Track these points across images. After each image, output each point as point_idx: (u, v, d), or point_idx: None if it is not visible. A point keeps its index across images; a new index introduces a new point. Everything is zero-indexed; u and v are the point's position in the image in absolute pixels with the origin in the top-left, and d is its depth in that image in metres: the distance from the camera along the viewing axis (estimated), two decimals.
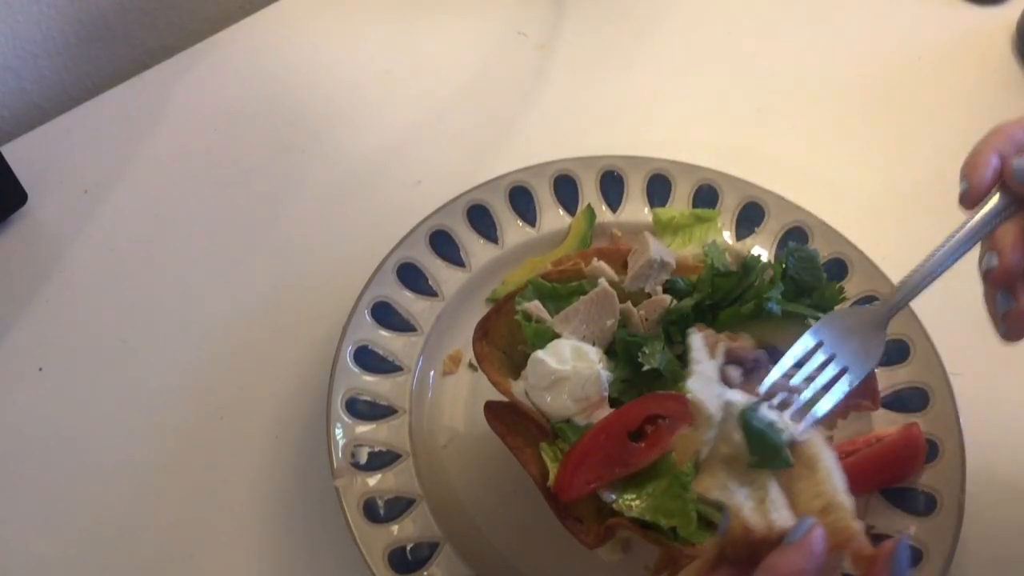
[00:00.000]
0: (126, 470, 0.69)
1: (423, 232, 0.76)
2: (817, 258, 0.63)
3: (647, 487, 0.55)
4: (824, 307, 0.62)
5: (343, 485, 0.63)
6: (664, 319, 0.62)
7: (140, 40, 1.00)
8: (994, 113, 0.94)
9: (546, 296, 0.63)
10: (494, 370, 0.61)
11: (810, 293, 0.62)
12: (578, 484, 0.54)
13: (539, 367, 0.58)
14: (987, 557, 0.65)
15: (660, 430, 0.55)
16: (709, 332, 0.58)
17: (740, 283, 0.62)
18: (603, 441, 0.55)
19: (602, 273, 0.64)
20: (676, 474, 0.54)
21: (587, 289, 0.63)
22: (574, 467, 0.55)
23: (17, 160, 0.80)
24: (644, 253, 0.64)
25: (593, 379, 0.58)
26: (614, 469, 0.55)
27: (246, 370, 0.74)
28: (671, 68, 0.98)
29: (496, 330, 0.63)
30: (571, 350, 0.59)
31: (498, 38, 1.00)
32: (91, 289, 0.78)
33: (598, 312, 0.61)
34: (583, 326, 0.61)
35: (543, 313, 0.62)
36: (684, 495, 0.53)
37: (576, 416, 0.58)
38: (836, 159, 0.90)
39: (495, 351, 0.62)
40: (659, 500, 0.54)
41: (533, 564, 0.64)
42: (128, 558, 0.65)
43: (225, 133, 0.90)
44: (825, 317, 0.57)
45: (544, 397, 0.58)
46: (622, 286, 0.64)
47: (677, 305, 0.62)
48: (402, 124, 0.91)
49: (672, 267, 0.65)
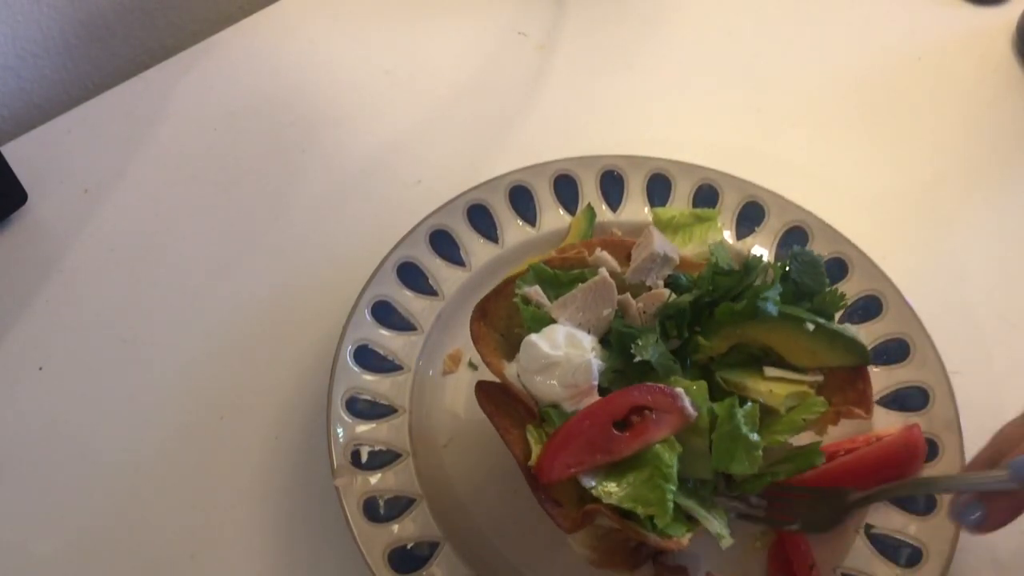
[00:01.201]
0: (126, 470, 0.69)
1: (423, 231, 0.76)
2: (820, 263, 0.63)
3: (628, 476, 0.55)
4: (824, 312, 0.62)
5: (343, 485, 0.63)
6: (662, 313, 0.62)
7: (140, 40, 1.00)
8: (994, 113, 0.94)
9: (547, 282, 0.63)
10: (489, 350, 0.61)
11: (811, 297, 0.62)
12: (559, 467, 0.55)
13: (532, 350, 0.58)
14: (987, 557, 0.65)
15: (646, 421, 0.56)
16: None
17: (741, 282, 0.62)
18: (587, 427, 0.55)
19: (605, 263, 0.64)
20: (658, 466, 0.55)
21: (588, 277, 0.63)
22: (556, 450, 0.55)
23: (17, 160, 0.80)
24: (648, 246, 0.64)
25: (584, 367, 0.58)
26: (596, 456, 0.55)
27: (246, 370, 0.74)
28: (671, 68, 0.98)
29: (495, 312, 0.63)
30: (565, 336, 0.59)
31: (498, 38, 1.00)
32: (91, 289, 0.78)
33: (596, 301, 0.61)
34: (580, 313, 0.61)
35: (542, 298, 0.62)
36: (664, 487, 0.54)
37: (565, 402, 0.58)
38: (836, 159, 0.90)
39: (493, 332, 0.63)
40: (639, 489, 0.55)
41: (533, 564, 0.64)
42: (128, 558, 0.65)
43: (225, 133, 0.90)
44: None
45: (534, 380, 0.58)
46: (623, 278, 0.64)
47: (675, 300, 0.62)
48: (402, 124, 0.91)
49: (675, 262, 0.65)
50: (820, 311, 0.61)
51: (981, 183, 0.89)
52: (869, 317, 0.73)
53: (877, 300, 0.73)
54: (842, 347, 0.61)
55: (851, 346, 0.61)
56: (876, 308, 0.73)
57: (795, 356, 0.62)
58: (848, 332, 0.61)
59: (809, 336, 0.60)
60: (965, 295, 0.71)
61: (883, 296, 0.73)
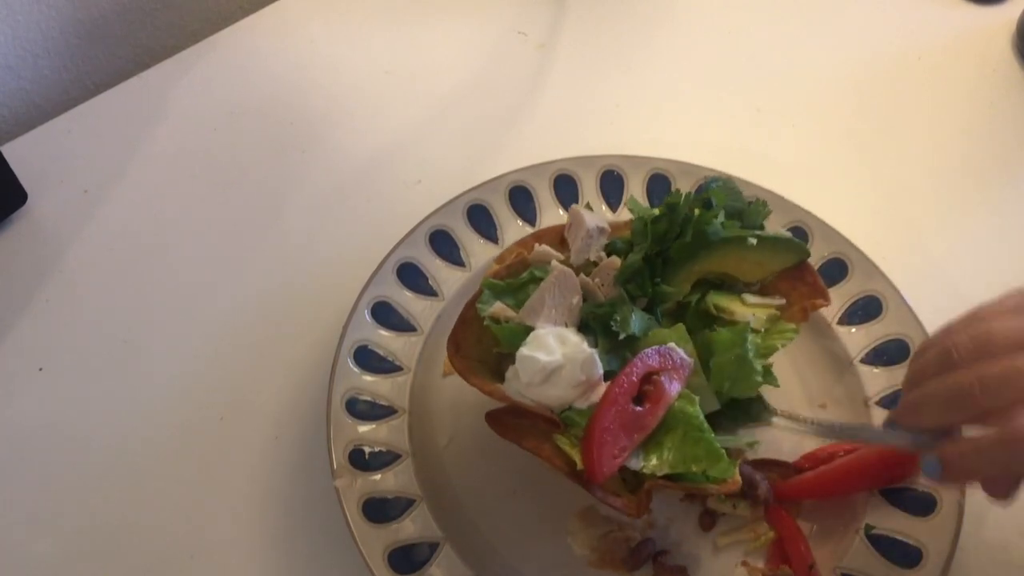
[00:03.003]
0: (126, 470, 0.69)
1: (423, 232, 0.76)
2: (733, 183, 0.69)
3: (665, 442, 0.56)
4: (755, 224, 0.66)
5: (343, 485, 0.63)
6: (620, 279, 0.63)
7: (140, 40, 1.00)
8: (994, 113, 0.94)
9: (503, 294, 0.63)
10: (480, 380, 0.60)
11: (740, 216, 0.66)
12: (607, 462, 0.55)
13: (530, 364, 0.58)
14: (987, 557, 0.65)
15: (658, 386, 0.56)
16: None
17: (672, 222, 0.64)
18: (614, 414, 0.55)
19: (547, 255, 0.65)
20: (687, 420, 0.56)
21: (538, 275, 0.63)
22: (599, 448, 0.55)
23: (17, 160, 0.80)
24: (582, 224, 0.66)
25: (588, 360, 0.58)
26: (633, 437, 0.56)
27: (246, 370, 0.74)
28: (671, 68, 0.98)
29: (465, 342, 0.62)
30: (555, 339, 0.59)
31: (498, 38, 1.00)
32: (91, 289, 0.78)
33: (562, 293, 0.62)
34: (552, 312, 0.61)
35: (508, 312, 0.62)
36: (703, 437, 0.55)
37: (577, 401, 0.58)
38: (836, 159, 0.90)
39: (471, 362, 0.62)
40: (681, 450, 0.56)
41: (533, 564, 0.64)
42: (128, 558, 0.65)
43: (225, 133, 0.90)
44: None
45: (544, 391, 0.58)
46: (568, 262, 0.65)
47: (628, 262, 0.63)
48: (402, 124, 0.91)
49: (608, 231, 0.66)
50: (752, 225, 0.66)
51: (981, 183, 0.89)
52: (869, 317, 0.73)
53: (877, 300, 0.73)
54: (784, 249, 0.65)
55: (791, 246, 0.66)
56: (876, 308, 0.73)
57: (747, 273, 0.66)
58: (783, 235, 0.66)
59: (755, 249, 0.64)
60: (965, 295, 0.70)
61: (883, 296, 0.73)
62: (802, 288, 0.66)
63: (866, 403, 0.70)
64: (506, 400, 0.59)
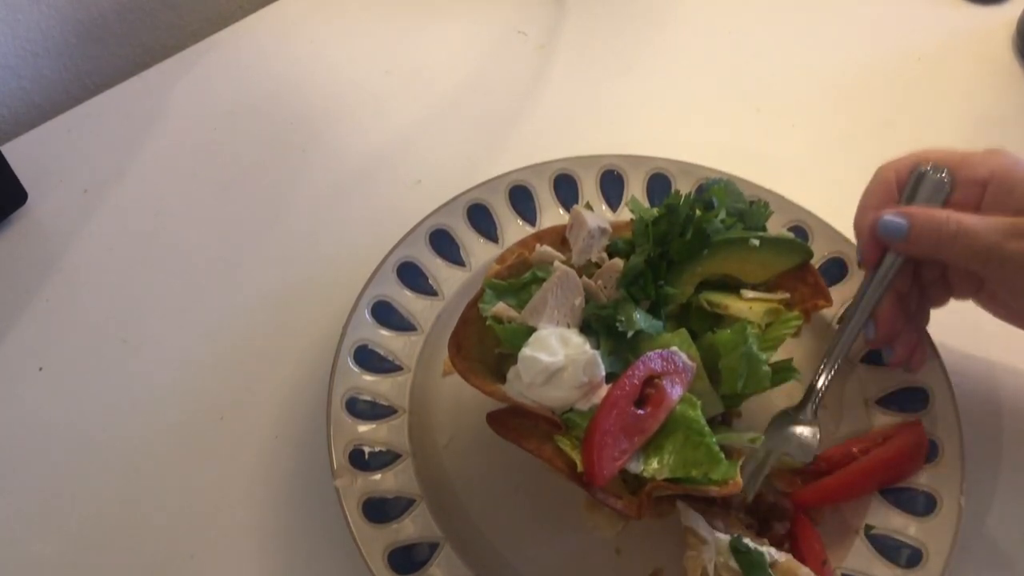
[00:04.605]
0: (126, 470, 0.69)
1: (423, 231, 0.76)
2: (734, 184, 0.68)
3: (666, 446, 0.57)
4: (758, 226, 0.66)
5: (343, 485, 0.63)
6: (623, 282, 0.63)
7: (140, 40, 1.00)
8: (994, 113, 0.94)
9: (505, 294, 0.63)
10: (482, 381, 0.60)
11: (741, 217, 0.66)
12: (608, 465, 0.55)
13: (532, 364, 0.58)
14: (987, 557, 0.65)
15: (660, 389, 0.57)
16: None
17: (672, 222, 0.64)
18: (616, 417, 0.56)
19: (549, 256, 0.65)
20: (688, 424, 0.56)
21: (540, 276, 0.63)
22: (599, 450, 0.55)
23: (17, 160, 0.80)
24: (583, 225, 0.65)
25: (591, 362, 0.58)
26: (634, 440, 0.56)
27: (246, 370, 0.74)
28: (671, 67, 0.98)
29: (467, 342, 0.62)
30: (557, 340, 0.59)
31: (498, 38, 1.00)
32: (91, 289, 0.78)
33: (564, 294, 0.61)
34: (555, 312, 0.61)
35: (511, 312, 0.62)
36: (704, 441, 0.56)
37: (578, 402, 0.58)
38: (836, 159, 0.89)
39: (472, 363, 0.62)
40: (681, 454, 0.56)
41: (533, 564, 0.64)
42: (128, 558, 0.65)
43: (225, 133, 0.90)
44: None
45: (545, 392, 0.58)
46: (570, 263, 0.64)
47: (630, 264, 0.63)
48: (402, 124, 0.91)
49: (610, 231, 0.66)
50: (754, 226, 0.66)
51: None
52: None
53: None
54: (787, 251, 0.66)
55: (794, 247, 0.66)
56: None
57: (750, 275, 0.65)
58: (786, 236, 0.67)
59: (757, 251, 0.64)
60: None
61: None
62: (803, 289, 0.66)
63: (866, 403, 0.69)
64: (506, 400, 0.59)
